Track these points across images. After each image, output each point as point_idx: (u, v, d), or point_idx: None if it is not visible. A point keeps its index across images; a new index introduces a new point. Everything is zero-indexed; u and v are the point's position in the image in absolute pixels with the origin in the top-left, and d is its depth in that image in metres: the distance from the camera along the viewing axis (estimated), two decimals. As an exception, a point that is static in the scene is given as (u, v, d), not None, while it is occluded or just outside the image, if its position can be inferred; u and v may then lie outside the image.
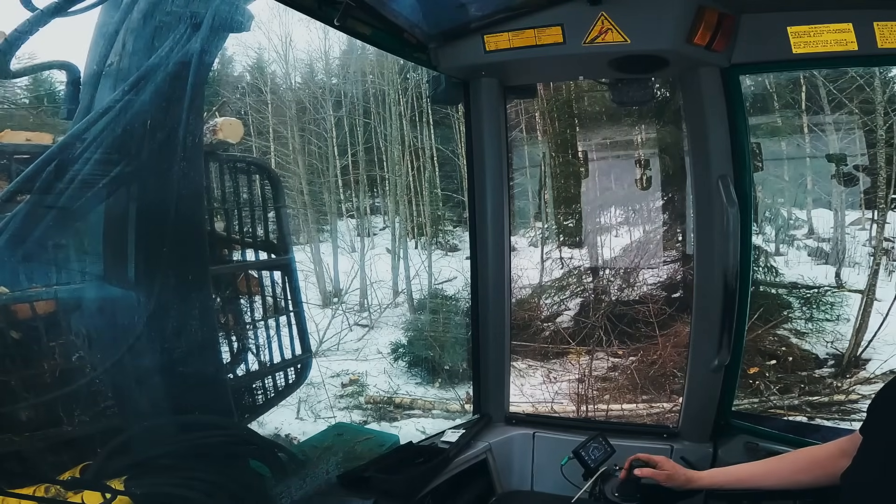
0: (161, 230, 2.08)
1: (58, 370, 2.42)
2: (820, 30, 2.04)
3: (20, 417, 2.30)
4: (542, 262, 11.05)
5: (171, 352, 2.07)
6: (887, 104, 9.27)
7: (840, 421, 7.32)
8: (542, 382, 8.75)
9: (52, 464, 2.20)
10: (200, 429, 2.11)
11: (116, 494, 1.65)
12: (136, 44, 2.07)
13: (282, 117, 13.52)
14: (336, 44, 13.99)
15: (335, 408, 9.10)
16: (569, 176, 11.41)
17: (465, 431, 2.63)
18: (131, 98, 2.01)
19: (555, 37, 2.22)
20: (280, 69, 13.97)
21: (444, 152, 13.47)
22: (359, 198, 14.15)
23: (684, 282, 9.28)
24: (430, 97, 5.16)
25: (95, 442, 2.20)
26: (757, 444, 2.37)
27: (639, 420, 7.67)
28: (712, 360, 2.35)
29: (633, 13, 2.13)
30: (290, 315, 3.83)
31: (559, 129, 11.53)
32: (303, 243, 12.77)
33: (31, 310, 2.36)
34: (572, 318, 9.88)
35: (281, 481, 2.19)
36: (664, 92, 8.68)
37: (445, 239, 13.80)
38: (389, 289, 12.67)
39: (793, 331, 8.95)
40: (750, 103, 9.37)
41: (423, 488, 2.26)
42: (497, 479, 2.64)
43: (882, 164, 9.31)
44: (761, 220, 10.16)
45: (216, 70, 12.89)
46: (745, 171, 2.30)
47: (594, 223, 11.12)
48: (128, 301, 2.04)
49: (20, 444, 2.26)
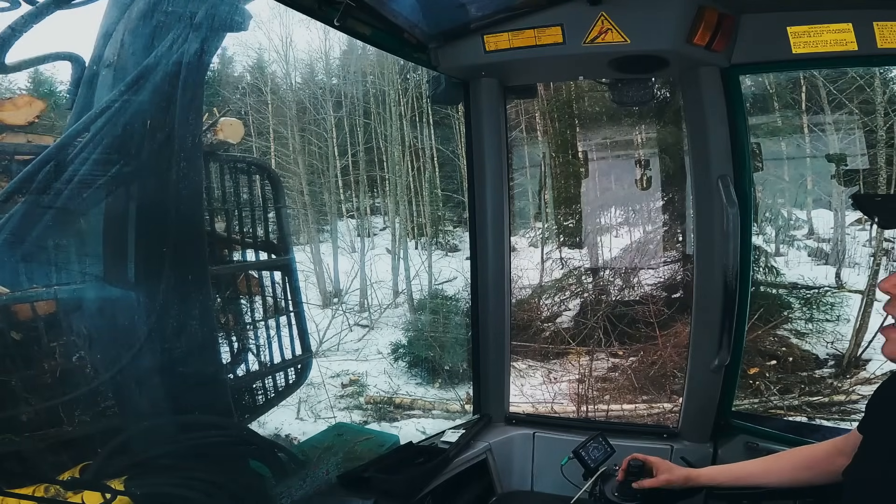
0: (161, 230, 2.08)
1: (58, 371, 2.41)
2: (820, 30, 2.04)
3: (20, 417, 2.30)
4: (542, 263, 11.06)
5: (171, 352, 2.07)
6: (887, 104, 9.27)
7: (840, 421, 7.32)
8: (543, 383, 8.75)
9: (52, 464, 2.19)
10: (200, 429, 2.12)
11: (116, 494, 1.65)
12: (135, 43, 2.07)
13: (282, 117, 13.55)
14: (336, 44, 14.04)
15: (335, 408, 9.10)
16: (569, 176, 11.42)
17: (465, 431, 2.63)
18: (130, 98, 2.01)
19: (555, 37, 2.22)
20: (280, 69, 14.01)
21: (444, 152, 13.48)
22: (359, 198, 14.18)
23: (684, 282, 9.28)
24: (430, 97, 5.16)
25: (96, 442, 2.19)
26: (757, 445, 2.37)
27: (639, 420, 7.67)
28: (712, 361, 2.35)
29: (633, 13, 2.12)
30: (291, 315, 3.82)
31: (559, 128, 11.54)
32: (303, 243, 12.79)
33: (31, 310, 2.36)
34: (572, 319, 9.88)
35: (281, 481, 2.19)
36: (664, 92, 8.67)
37: (445, 239, 13.82)
38: (389, 289, 12.68)
39: (793, 331, 8.95)
40: (750, 103, 9.37)
41: (423, 488, 2.26)
42: (497, 480, 2.64)
43: (882, 165, 9.32)
44: (762, 220, 10.16)
45: (217, 70, 12.91)
46: (745, 171, 2.30)
47: (594, 223, 11.12)
48: (128, 301, 2.04)
49: (20, 444, 2.25)
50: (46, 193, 2.01)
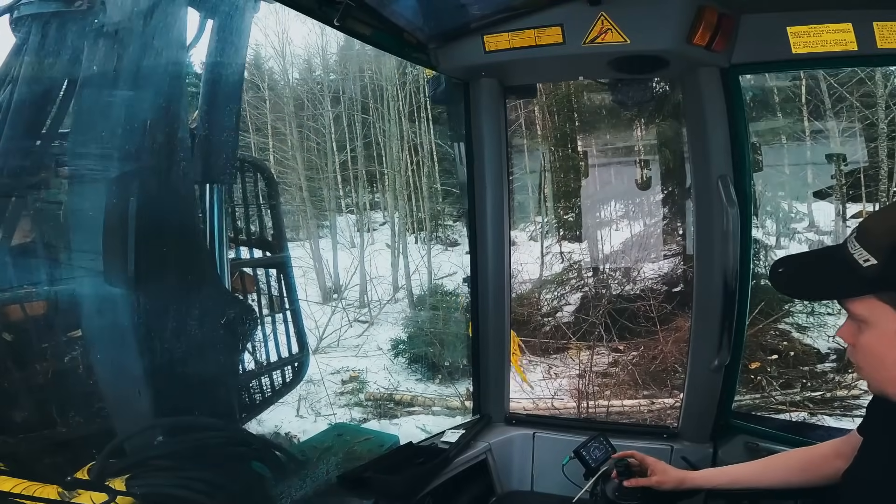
0: (160, 230, 2.07)
1: (55, 371, 2.42)
2: (820, 30, 2.03)
3: (16, 419, 2.30)
4: (542, 258, 11.06)
5: (171, 352, 2.07)
6: (888, 98, 9.25)
7: (842, 418, 7.31)
8: (543, 378, 8.76)
9: (52, 464, 2.20)
10: (200, 429, 2.11)
11: (116, 494, 1.65)
12: (135, 42, 2.06)
13: (280, 113, 13.52)
14: (334, 40, 14.00)
15: (335, 405, 9.11)
16: (568, 170, 11.40)
17: (465, 431, 2.63)
18: (129, 97, 2.00)
19: (555, 37, 2.21)
20: (277, 65, 13.97)
21: (442, 147, 13.45)
22: (358, 193, 14.17)
23: (684, 277, 9.27)
24: (430, 97, 5.16)
25: (96, 442, 2.20)
26: (757, 445, 2.38)
27: (640, 416, 7.69)
28: (712, 361, 2.35)
29: (633, 13, 2.11)
30: (287, 313, 3.81)
31: (559, 123, 11.52)
32: (302, 239, 12.79)
33: (26, 310, 2.36)
34: (573, 314, 9.88)
35: (281, 481, 2.19)
36: (664, 91, 8.64)
37: (445, 234, 13.81)
38: (389, 285, 12.68)
39: (794, 325, 8.96)
40: (750, 97, 9.34)
41: (423, 488, 2.26)
42: (497, 480, 2.64)
43: (883, 158, 9.31)
44: (762, 213, 10.15)
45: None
46: (745, 171, 2.30)
47: (594, 218, 11.12)
48: (126, 301, 2.03)
49: (20, 444, 2.26)
50: (45, 191, 2.01)
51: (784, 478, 1.75)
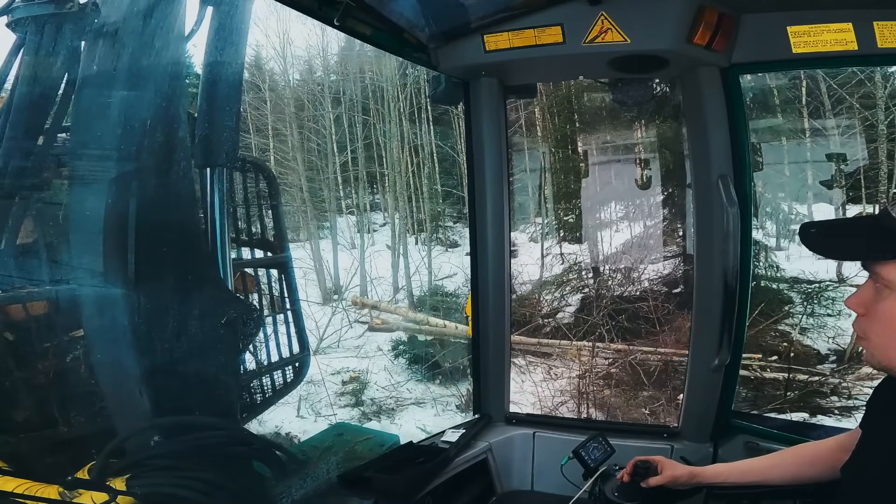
0: (161, 230, 2.07)
1: (56, 371, 2.42)
2: (820, 30, 2.03)
3: (17, 418, 2.30)
4: (542, 259, 11.05)
5: (171, 351, 2.07)
6: (888, 99, 9.25)
7: (842, 418, 7.30)
8: (543, 379, 8.75)
9: (53, 464, 2.20)
10: (201, 429, 2.11)
11: (117, 494, 1.65)
12: (135, 42, 2.06)
13: (280, 114, 13.52)
14: (334, 40, 13.99)
15: (336, 405, 9.11)
16: (569, 171, 11.40)
17: (466, 431, 2.63)
18: (129, 97, 2.00)
19: (555, 37, 2.21)
20: (278, 66, 13.98)
21: (443, 148, 13.45)
22: (358, 194, 14.16)
23: (685, 278, 9.26)
24: (430, 97, 5.15)
25: (97, 442, 2.19)
26: (757, 444, 2.38)
27: (640, 416, 7.67)
28: (712, 361, 2.35)
29: (633, 13, 2.12)
30: (288, 313, 3.81)
31: (559, 123, 11.52)
32: (303, 240, 12.79)
33: (28, 310, 2.36)
34: (573, 315, 9.87)
35: (281, 481, 2.18)
36: (664, 90, 8.63)
37: (445, 235, 13.80)
38: (390, 285, 12.68)
39: (794, 326, 8.95)
40: (750, 99, 9.34)
41: (423, 488, 2.26)
42: (497, 479, 2.65)
43: (883, 159, 9.30)
44: (762, 214, 10.15)
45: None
46: (745, 171, 2.30)
47: (594, 219, 11.10)
48: (127, 301, 2.03)
49: (21, 444, 2.26)
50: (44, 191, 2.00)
51: (794, 472, 1.75)
